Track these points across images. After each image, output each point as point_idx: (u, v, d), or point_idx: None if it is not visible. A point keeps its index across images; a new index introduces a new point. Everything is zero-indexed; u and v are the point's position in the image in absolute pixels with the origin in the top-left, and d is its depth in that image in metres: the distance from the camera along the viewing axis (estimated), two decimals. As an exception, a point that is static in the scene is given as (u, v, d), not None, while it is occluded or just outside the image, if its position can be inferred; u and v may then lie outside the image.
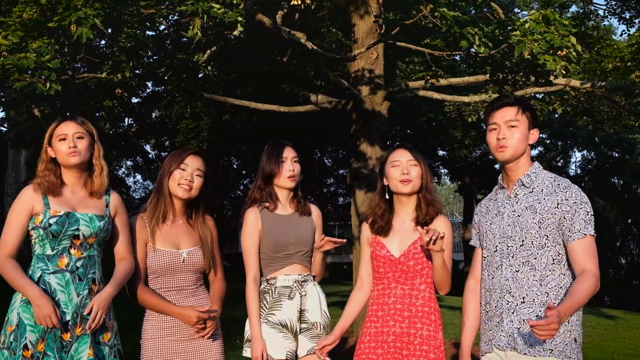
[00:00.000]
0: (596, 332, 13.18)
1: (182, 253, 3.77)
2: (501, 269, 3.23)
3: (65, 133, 3.60)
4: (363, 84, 9.37)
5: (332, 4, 10.00)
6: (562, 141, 27.39)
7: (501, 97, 3.39)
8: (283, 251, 3.95)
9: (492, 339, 3.24)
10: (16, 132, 14.81)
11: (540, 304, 3.10)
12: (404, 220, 3.72)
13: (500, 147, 3.23)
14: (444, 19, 6.17)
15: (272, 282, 3.95)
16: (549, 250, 3.13)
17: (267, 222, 3.99)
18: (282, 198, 4.08)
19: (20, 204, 3.53)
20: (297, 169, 4.05)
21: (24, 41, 5.24)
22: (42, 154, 3.64)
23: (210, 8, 4.97)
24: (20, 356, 3.35)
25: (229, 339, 8.67)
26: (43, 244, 3.49)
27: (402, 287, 3.64)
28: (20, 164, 18.45)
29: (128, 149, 24.61)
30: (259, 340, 3.87)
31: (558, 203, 3.12)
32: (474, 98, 10.67)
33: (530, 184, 3.24)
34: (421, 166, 3.71)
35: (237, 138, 24.66)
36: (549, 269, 3.13)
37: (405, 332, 3.57)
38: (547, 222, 3.12)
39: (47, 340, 3.38)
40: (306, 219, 4.07)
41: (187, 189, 3.79)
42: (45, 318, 3.33)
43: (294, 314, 3.90)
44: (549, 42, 5.29)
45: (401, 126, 23.37)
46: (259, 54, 11.91)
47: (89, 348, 3.43)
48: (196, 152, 3.93)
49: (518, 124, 3.23)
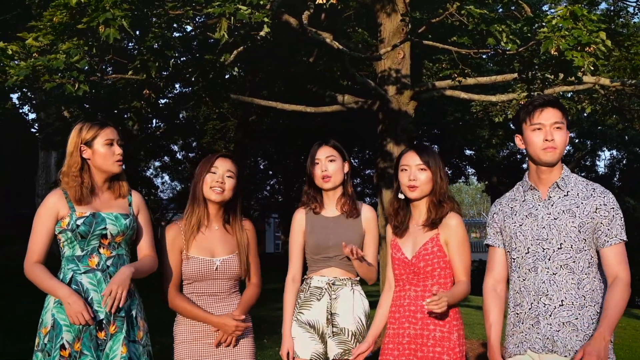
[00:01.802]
0: (627, 333, 13.01)
1: (215, 261, 3.76)
2: (536, 271, 3.21)
3: (112, 138, 3.60)
4: (389, 83, 9.35)
5: (358, 3, 9.99)
6: (591, 140, 27.09)
7: (542, 97, 3.35)
8: (322, 253, 3.94)
9: (525, 341, 3.21)
10: (46, 134, 15.02)
11: (579, 307, 3.11)
12: (418, 222, 3.71)
13: (549, 149, 3.19)
14: (471, 17, 6.15)
15: (308, 281, 3.98)
16: (586, 254, 3.14)
17: (310, 223, 4.00)
18: (328, 199, 4.04)
19: (44, 210, 3.53)
20: (333, 168, 3.97)
21: (55, 44, 5.31)
22: (75, 152, 3.58)
23: (237, 10, 4.98)
24: (57, 356, 3.37)
25: (256, 338, 8.70)
26: (72, 245, 3.51)
27: (414, 289, 3.64)
28: (50, 165, 18.66)
29: (156, 150, 24.82)
30: (287, 339, 3.92)
31: (597, 208, 3.13)
32: (501, 97, 10.59)
33: (565, 187, 3.23)
34: (431, 170, 3.66)
35: (263, 139, 24.72)
36: (585, 273, 3.14)
37: (419, 334, 3.57)
38: (586, 226, 3.13)
39: (83, 339, 3.40)
40: (352, 221, 3.99)
41: (219, 191, 3.78)
42: (77, 315, 3.35)
43: (322, 315, 3.89)
44: (576, 38, 5.23)
45: (428, 126, 23.29)
46: (285, 55, 11.92)
47: (122, 346, 3.46)
48: (225, 154, 3.93)
49: (563, 126, 3.22)
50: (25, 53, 5.33)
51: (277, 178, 30.36)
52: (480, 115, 15.79)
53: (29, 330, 3.55)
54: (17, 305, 10.25)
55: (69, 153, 3.62)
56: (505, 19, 6.21)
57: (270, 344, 8.43)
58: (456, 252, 3.60)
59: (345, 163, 4.05)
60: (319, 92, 11.39)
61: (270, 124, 22.36)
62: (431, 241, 3.60)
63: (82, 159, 3.60)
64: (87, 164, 3.61)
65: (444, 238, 3.62)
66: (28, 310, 9.10)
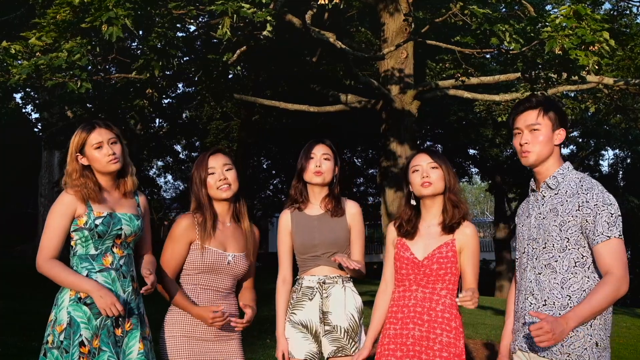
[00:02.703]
0: (631, 332, 13.01)
1: (227, 255, 3.78)
2: (526, 271, 3.23)
3: (100, 141, 3.59)
4: (393, 83, 9.35)
5: (361, 3, 10.00)
6: (595, 139, 27.05)
7: (523, 101, 3.34)
8: (309, 253, 3.96)
9: (517, 339, 3.24)
10: (49, 134, 15.02)
11: (561, 307, 3.07)
12: (430, 225, 3.70)
13: (523, 153, 3.21)
14: (474, 17, 6.14)
15: (300, 282, 3.99)
16: (570, 253, 3.09)
17: (296, 223, 4.02)
18: (314, 196, 4.06)
19: (61, 208, 3.53)
20: (326, 165, 3.99)
21: (57, 42, 5.31)
22: (72, 163, 3.60)
23: (239, 8, 4.99)
24: (76, 352, 3.37)
25: (259, 337, 8.72)
26: (86, 244, 3.52)
27: (423, 290, 3.62)
28: (53, 165, 18.69)
29: (159, 149, 24.81)
30: (281, 340, 3.93)
31: (579, 205, 3.07)
32: (504, 97, 10.58)
33: (557, 185, 3.20)
34: (442, 169, 3.67)
35: (266, 138, 24.72)
36: (570, 272, 3.08)
37: (425, 337, 3.55)
38: (567, 224, 3.08)
39: (101, 336, 3.42)
40: (337, 219, 4.01)
41: (226, 187, 3.78)
42: (111, 307, 3.35)
43: (315, 315, 3.90)
44: (580, 37, 5.22)
45: (431, 125, 23.28)
46: (288, 55, 11.93)
47: (139, 342, 3.49)
48: (214, 150, 3.93)
49: (540, 127, 3.19)
50: (28, 52, 5.34)
51: (280, 177, 30.36)
52: (484, 115, 15.79)
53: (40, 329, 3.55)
54: (25, 303, 10.27)
55: (68, 162, 3.64)
56: (509, 19, 6.20)
57: (272, 343, 8.41)
58: (470, 260, 3.61)
59: (337, 166, 4.07)
60: (322, 91, 11.39)
61: (274, 124, 22.35)
62: (446, 245, 3.59)
63: (83, 165, 3.61)
64: (90, 168, 3.63)
65: (459, 245, 3.62)
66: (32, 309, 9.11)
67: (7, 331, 8.27)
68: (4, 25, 11.86)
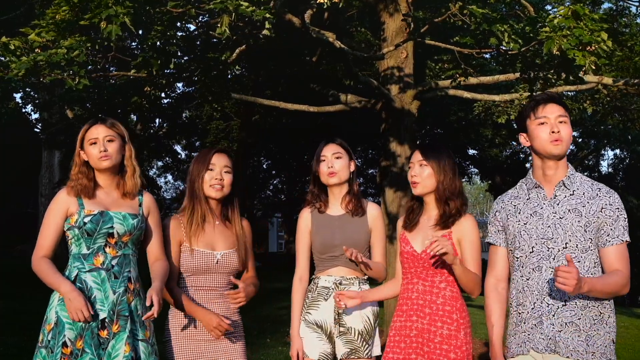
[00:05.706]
0: (629, 332, 13.02)
1: (216, 254, 3.80)
2: (540, 270, 3.19)
3: (96, 137, 3.63)
4: (392, 83, 9.34)
5: (361, 2, 9.99)
6: (594, 140, 27.06)
7: (544, 93, 3.36)
8: (328, 253, 3.95)
9: (528, 341, 3.20)
10: (49, 134, 15.05)
11: (581, 307, 3.10)
12: (430, 218, 3.75)
13: (556, 141, 3.18)
14: (473, 17, 6.13)
15: (316, 281, 3.99)
16: (591, 254, 3.13)
17: (316, 222, 4.01)
18: (334, 197, 4.05)
19: (55, 206, 3.59)
20: (339, 164, 3.99)
21: (57, 40, 5.32)
22: (75, 157, 3.68)
23: (238, 5, 4.99)
24: (59, 353, 3.39)
25: (260, 337, 8.71)
26: (79, 243, 3.54)
27: (423, 282, 3.66)
28: (53, 165, 18.70)
29: (158, 150, 24.81)
30: (296, 339, 3.93)
31: (602, 207, 3.12)
32: (504, 97, 10.58)
33: (571, 185, 3.22)
34: (432, 166, 3.70)
35: (266, 138, 24.73)
36: (590, 273, 3.11)
37: (427, 329, 3.60)
38: (592, 225, 3.12)
39: (85, 337, 3.42)
40: (358, 219, 4.00)
41: (219, 188, 3.83)
42: (77, 312, 3.36)
43: (329, 315, 3.90)
44: (577, 38, 5.22)
45: (431, 125, 23.28)
46: (288, 54, 11.92)
47: (125, 344, 3.47)
48: (220, 150, 3.96)
49: (567, 121, 3.22)
50: (28, 48, 5.35)
51: (280, 177, 30.36)
52: (483, 116, 15.80)
53: (40, 329, 3.57)
54: (25, 303, 10.28)
55: (74, 156, 3.73)
56: (508, 19, 6.20)
57: (273, 342, 8.44)
58: (469, 250, 3.64)
59: (352, 162, 4.06)
60: (322, 91, 11.38)
61: (274, 124, 22.35)
62: (444, 237, 3.61)
63: (85, 162, 3.67)
64: (90, 165, 3.67)
65: (456, 237, 3.65)
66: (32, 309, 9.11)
67: (7, 331, 8.29)
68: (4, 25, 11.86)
